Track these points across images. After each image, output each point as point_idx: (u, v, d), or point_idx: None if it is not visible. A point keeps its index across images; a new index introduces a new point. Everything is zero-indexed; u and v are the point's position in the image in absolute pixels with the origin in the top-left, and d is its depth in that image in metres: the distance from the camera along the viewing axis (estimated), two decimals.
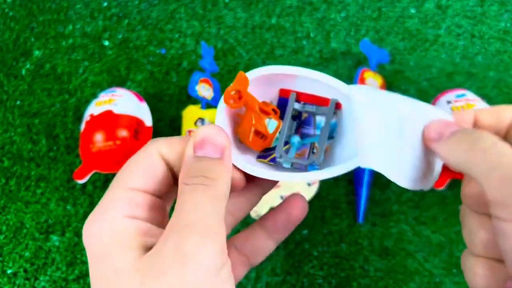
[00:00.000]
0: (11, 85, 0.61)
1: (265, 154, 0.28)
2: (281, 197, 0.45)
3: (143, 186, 0.21)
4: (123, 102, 0.51)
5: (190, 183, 0.19)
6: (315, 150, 0.27)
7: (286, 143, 0.27)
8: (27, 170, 0.54)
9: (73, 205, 0.52)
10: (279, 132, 0.27)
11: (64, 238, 0.50)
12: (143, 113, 0.52)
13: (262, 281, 0.46)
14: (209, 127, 0.21)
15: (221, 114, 0.27)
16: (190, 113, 0.53)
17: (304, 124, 0.28)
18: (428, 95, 0.55)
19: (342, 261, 0.46)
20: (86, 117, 0.50)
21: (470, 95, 0.48)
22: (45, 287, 0.47)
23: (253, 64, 0.60)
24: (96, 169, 0.49)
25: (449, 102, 0.48)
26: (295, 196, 0.26)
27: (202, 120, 0.52)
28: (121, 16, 0.66)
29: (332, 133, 0.27)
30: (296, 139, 0.28)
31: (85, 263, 0.48)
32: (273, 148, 0.28)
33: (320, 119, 0.28)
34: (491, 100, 0.54)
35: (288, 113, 0.27)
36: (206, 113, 0.52)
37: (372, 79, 0.53)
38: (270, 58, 0.60)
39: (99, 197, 0.53)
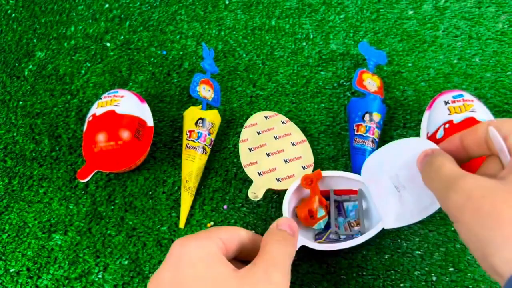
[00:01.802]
0: (13, 86, 0.62)
1: (319, 236, 0.45)
2: (277, 180, 0.47)
3: (227, 244, 0.32)
4: (125, 102, 0.51)
5: (273, 239, 0.32)
6: (352, 224, 0.45)
7: (328, 224, 0.46)
8: (30, 170, 0.55)
9: (76, 204, 0.52)
10: (328, 217, 0.45)
11: (66, 237, 0.50)
12: (145, 113, 0.53)
13: None
14: (288, 219, 0.36)
15: (292, 189, 0.46)
16: (191, 113, 0.53)
17: (338, 210, 0.47)
18: (425, 95, 0.56)
19: (340, 259, 0.46)
20: (89, 117, 0.51)
21: (467, 96, 0.49)
22: (47, 285, 0.48)
23: (253, 65, 0.61)
24: (99, 168, 0.49)
25: (446, 102, 0.49)
26: None
27: (202, 120, 0.52)
28: (123, 17, 0.66)
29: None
30: (341, 219, 0.46)
31: (87, 261, 0.49)
32: (321, 233, 0.45)
33: (347, 204, 0.47)
34: (488, 101, 0.54)
35: (332, 203, 0.46)
36: (207, 114, 0.53)
37: (371, 80, 0.54)
38: (270, 59, 0.61)
39: (101, 197, 0.54)
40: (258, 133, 0.52)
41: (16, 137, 0.58)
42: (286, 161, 0.49)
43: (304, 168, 0.48)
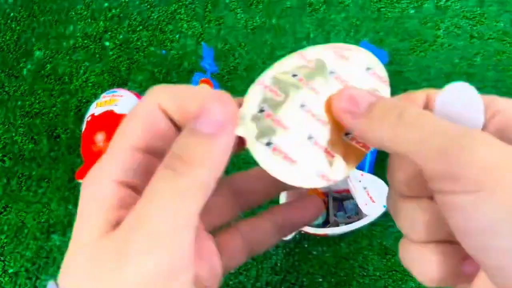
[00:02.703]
0: (12, 86, 0.61)
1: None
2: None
3: (143, 144, 0.18)
4: (124, 102, 0.51)
5: (165, 163, 0.16)
6: (353, 219, 0.46)
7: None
8: (29, 170, 0.55)
9: (74, 205, 0.52)
10: (327, 213, 0.48)
11: (65, 238, 0.50)
12: None
13: (262, 280, 0.46)
14: (216, 94, 0.17)
15: None
16: None
17: (338, 208, 0.50)
18: None
19: (342, 260, 0.46)
20: (87, 117, 0.51)
21: None
22: (46, 286, 0.47)
23: (253, 64, 0.60)
24: None
25: None
26: (312, 198, 0.25)
27: None
28: (122, 17, 0.66)
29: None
30: (341, 214, 0.49)
31: None
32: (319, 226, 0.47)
33: (347, 203, 0.49)
34: None
35: (330, 199, 0.48)
36: None
37: None
38: (270, 59, 0.60)
39: None
40: None
41: (15, 137, 0.57)
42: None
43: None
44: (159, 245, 0.15)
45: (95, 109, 0.51)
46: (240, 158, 0.52)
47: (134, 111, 0.19)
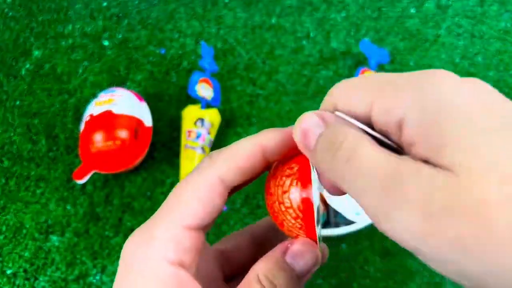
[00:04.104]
0: (10, 85, 0.61)
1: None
2: None
3: (197, 222, 0.18)
4: (123, 102, 0.51)
5: (265, 284, 0.18)
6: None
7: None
8: (27, 170, 0.54)
9: (73, 205, 0.52)
10: (328, 214, 0.46)
11: (64, 238, 0.50)
12: (143, 113, 0.52)
13: None
14: (309, 243, 0.19)
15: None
16: (190, 113, 0.52)
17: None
18: None
19: (342, 261, 0.46)
20: (86, 117, 0.50)
21: None
22: (44, 287, 0.47)
23: (253, 64, 0.60)
24: (96, 169, 0.49)
25: None
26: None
27: (202, 120, 0.51)
28: (121, 16, 0.66)
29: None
30: (341, 215, 0.46)
31: (84, 263, 0.48)
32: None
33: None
34: None
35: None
36: (206, 113, 0.52)
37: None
38: (270, 58, 0.60)
39: (99, 197, 0.53)
40: None
41: (13, 137, 0.57)
42: None
43: None
44: None
45: (94, 108, 0.50)
46: None
47: (192, 184, 0.18)
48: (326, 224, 0.45)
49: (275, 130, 0.19)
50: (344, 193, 0.19)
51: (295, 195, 0.18)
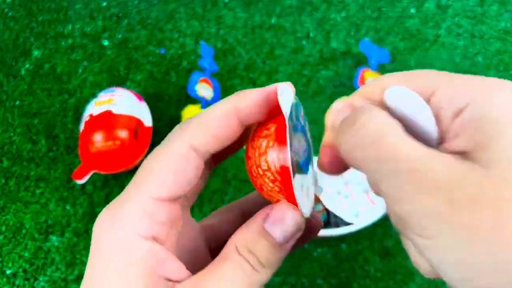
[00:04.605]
0: (10, 85, 0.61)
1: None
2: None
3: (169, 194, 0.17)
4: (123, 102, 0.51)
5: (243, 254, 0.17)
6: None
7: None
8: (27, 170, 0.54)
9: (73, 205, 0.51)
10: (328, 214, 0.46)
11: (63, 238, 0.49)
12: (143, 113, 0.52)
13: None
14: (287, 205, 0.18)
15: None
16: (190, 113, 0.52)
17: None
18: None
19: (342, 261, 0.46)
20: (86, 117, 0.50)
21: None
22: (44, 287, 0.47)
23: (253, 64, 0.60)
24: (96, 169, 0.49)
25: None
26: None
27: None
28: (121, 16, 0.65)
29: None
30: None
31: (84, 263, 0.48)
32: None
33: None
34: None
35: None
36: None
37: (373, 79, 0.53)
38: (270, 58, 0.60)
39: (99, 197, 0.53)
40: None
41: (13, 137, 0.57)
42: None
43: None
44: None
45: (94, 108, 0.50)
46: (239, 157, 0.52)
47: (163, 155, 0.17)
48: (326, 225, 0.45)
49: (249, 90, 0.18)
50: (340, 172, 0.19)
51: (272, 156, 0.17)
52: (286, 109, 0.17)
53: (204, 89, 0.53)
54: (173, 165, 0.17)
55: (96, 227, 0.17)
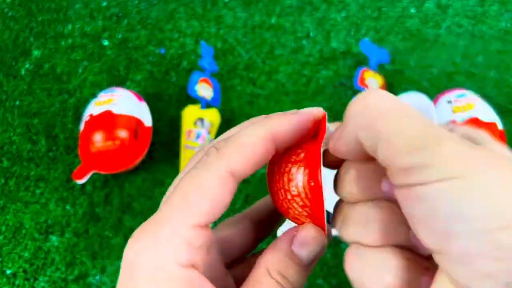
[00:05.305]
0: (10, 85, 0.61)
1: None
2: None
3: (206, 221, 0.17)
4: (123, 102, 0.51)
5: (275, 277, 0.17)
6: None
7: None
8: (27, 170, 0.54)
9: (73, 205, 0.51)
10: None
11: (63, 239, 0.49)
12: (143, 113, 0.52)
13: None
14: (315, 231, 0.18)
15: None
16: (190, 113, 0.52)
17: None
18: (428, 95, 0.55)
19: (342, 261, 0.46)
20: (86, 117, 0.50)
21: (471, 95, 0.48)
22: (44, 287, 0.47)
23: (253, 64, 0.60)
24: (96, 169, 0.49)
25: (449, 102, 0.48)
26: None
27: (201, 120, 0.51)
28: (121, 16, 0.65)
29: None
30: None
31: (84, 263, 0.48)
32: None
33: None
34: (491, 100, 0.54)
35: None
36: (206, 113, 0.52)
37: (372, 79, 0.53)
38: (270, 58, 0.60)
39: (99, 197, 0.53)
40: None
41: (13, 137, 0.57)
42: None
43: None
44: None
45: (94, 108, 0.50)
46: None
47: (200, 180, 0.17)
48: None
49: (285, 115, 0.18)
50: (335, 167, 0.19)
51: (302, 182, 0.17)
52: (323, 138, 0.17)
53: (204, 89, 0.53)
54: (211, 191, 0.17)
55: (131, 252, 0.16)
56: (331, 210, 0.22)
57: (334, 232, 0.20)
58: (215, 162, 0.17)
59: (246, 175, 0.17)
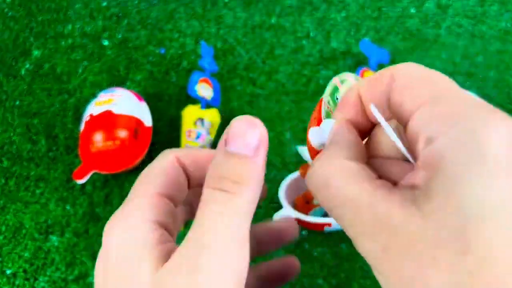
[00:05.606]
0: (10, 85, 0.61)
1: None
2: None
3: (165, 192, 0.20)
4: (123, 102, 0.51)
5: (214, 186, 0.17)
6: None
7: None
8: (27, 170, 0.54)
9: (73, 205, 0.51)
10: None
11: (63, 239, 0.49)
12: (143, 113, 0.52)
13: None
14: (243, 120, 0.18)
15: (289, 179, 0.44)
16: (190, 113, 0.52)
17: None
18: None
19: (342, 261, 0.46)
20: (86, 117, 0.50)
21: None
22: (44, 287, 0.47)
23: (253, 64, 0.60)
24: (96, 169, 0.49)
25: None
26: (292, 258, 0.26)
27: (201, 120, 0.51)
28: (121, 16, 0.65)
29: None
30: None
31: (84, 263, 0.48)
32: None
33: None
34: (491, 100, 0.54)
35: None
36: (206, 113, 0.52)
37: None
38: (270, 58, 0.60)
39: (99, 197, 0.53)
40: None
41: (13, 137, 0.57)
42: None
43: None
44: (229, 261, 0.16)
45: (94, 108, 0.50)
46: None
47: (155, 163, 0.21)
48: (326, 214, 0.45)
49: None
50: None
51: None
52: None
53: (204, 89, 0.53)
54: (165, 169, 0.20)
55: (106, 227, 0.19)
56: None
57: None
58: (164, 154, 0.21)
59: (188, 162, 0.21)
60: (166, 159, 0.20)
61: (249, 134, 0.17)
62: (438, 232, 0.12)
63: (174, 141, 0.55)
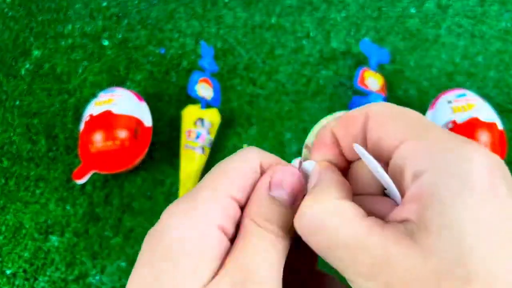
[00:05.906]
0: (10, 85, 0.61)
1: None
2: None
3: (238, 197, 0.18)
4: (123, 102, 0.51)
5: (261, 225, 0.17)
6: None
7: None
8: (27, 170, 0.54)
9: (73, 205, 0.51)
10: None
11: (63, 239, 0.49)
12: (143, 113, 0.52)
13: None
14: (290, 170, 0.19)
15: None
16: (190, 113, 0.52)
17: None
18: (428, 95, 0.55)
19: None
20: (86, 117, 0.50)
21: (470, 95, 0.48)
22: (44, 287, 0.47)
23: (253, 64, 0.60)
24: (95, 169, 0.49)
25: (449, 102, 0.48)
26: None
27: (201, 120, 0.51)
28: (121, 16, 0.65)
29: None
30: None
31: (84, 263, 0.48)
32: None
33: None
34: (491, 100, 0.54)
35: None
36: (206, 113, 0.52)
37: (372, 78, 0.53)
38: (270, 58, 0.60)
39: (99, 197, 0.53)
40: None
41: (13, 137, 0.57)
42: None
43: None
44: None
45: (94, 108, 0.50)
46: None
47: (239, 163, 0.19)
48: None
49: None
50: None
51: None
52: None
53: (204, 89, 0.53)
54: (243, 171, 0.19)
55: (165, 214, 0.17)
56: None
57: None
58: (250, 153, 0.19)
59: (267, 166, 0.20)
60: (251, 163, 0.19)
61: (290, 184, 0.18)
62: (440, 263, 0.13)
63: (174, 141, 0.55)
